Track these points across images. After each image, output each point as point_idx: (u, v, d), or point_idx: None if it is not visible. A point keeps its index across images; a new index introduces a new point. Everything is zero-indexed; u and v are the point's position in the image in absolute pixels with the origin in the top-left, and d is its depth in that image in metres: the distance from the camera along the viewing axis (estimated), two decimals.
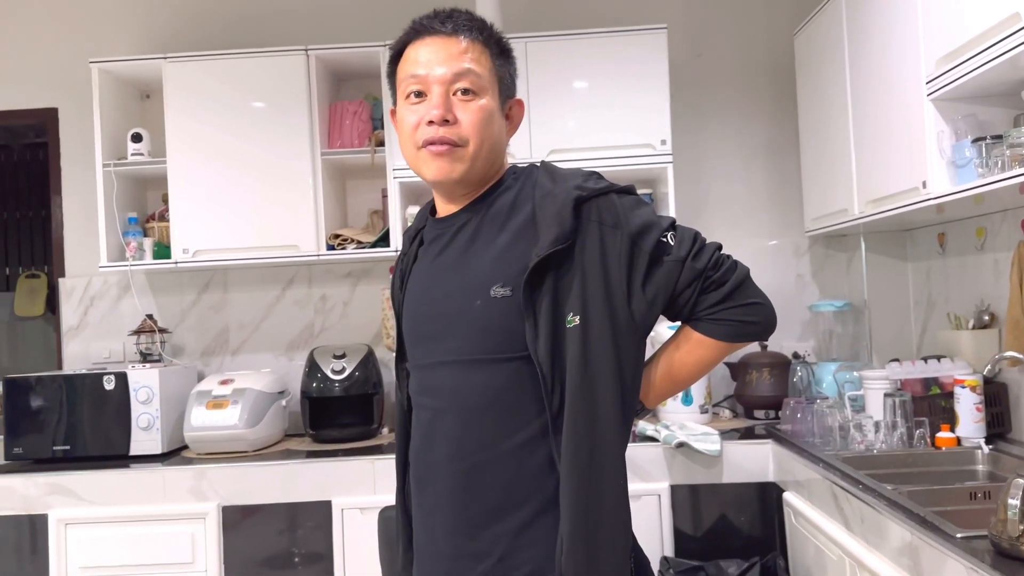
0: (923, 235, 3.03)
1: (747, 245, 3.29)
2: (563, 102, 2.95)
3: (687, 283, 1.30)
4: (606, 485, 1.27)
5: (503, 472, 1.28)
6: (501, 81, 1.37)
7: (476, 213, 1.37)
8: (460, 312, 1.32)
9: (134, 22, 3.43)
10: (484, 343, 1.30)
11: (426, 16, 1.36)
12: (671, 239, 1.31)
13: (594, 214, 1.29)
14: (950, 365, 2.46)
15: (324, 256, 3.04)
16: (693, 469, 2.61)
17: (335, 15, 3.38)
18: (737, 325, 1.33)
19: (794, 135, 3.22)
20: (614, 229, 1.29)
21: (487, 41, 1.36)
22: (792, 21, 3.17)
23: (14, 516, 2.70)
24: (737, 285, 1.33)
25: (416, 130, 1.33)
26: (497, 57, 1.37)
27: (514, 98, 1.43)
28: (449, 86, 1.32)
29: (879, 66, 2.44)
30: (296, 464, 2.71)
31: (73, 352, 3.39)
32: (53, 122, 3.43)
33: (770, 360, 3.00)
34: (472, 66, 1.32)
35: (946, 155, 2.12)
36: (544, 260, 1.26)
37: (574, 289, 1.27)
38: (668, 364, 1.40)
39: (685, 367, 1.40)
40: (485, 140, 1.33)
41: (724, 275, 1.32)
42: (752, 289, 1.35)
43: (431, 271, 1.39)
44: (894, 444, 2.32)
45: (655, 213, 1.35)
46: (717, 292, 1.32)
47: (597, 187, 1.31)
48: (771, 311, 1.36)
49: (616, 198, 1.32)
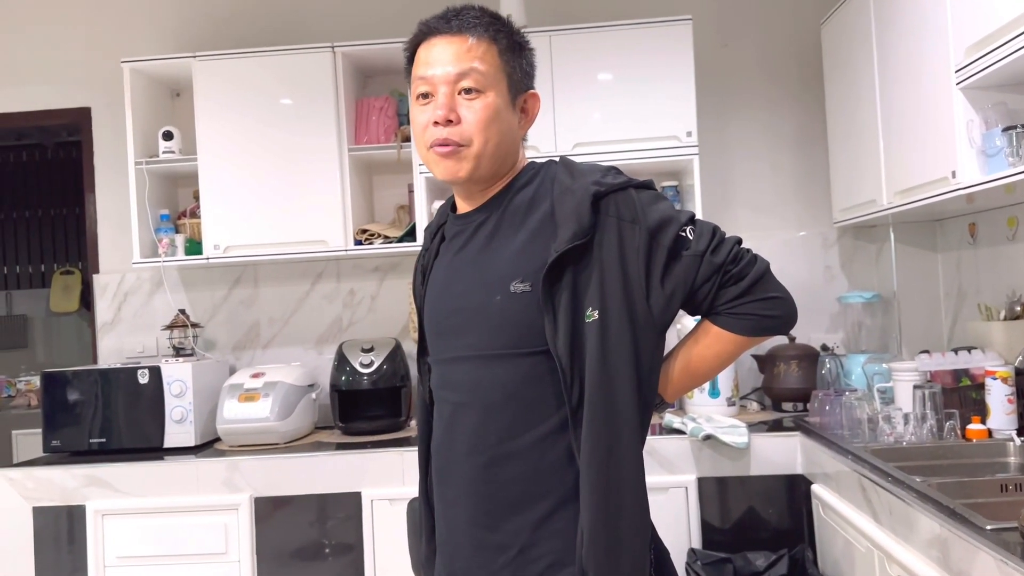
0: (953, 225, 3.00)
1: (775, 237, 3.28)
2: (588, 95, 2.96)
3: (706, 277, 1.31)
4: (625, 478, 1.27)
5: (523, 465, 1.30)
6: (510, 76, 1.36)
7: (495, 209, 1.38)
8: (480, 307, 1.33)
9: (164, 22, 3.48)
10: (503, 338, 1.31)
11: (434, 16, 1.37)
12: (690, 233, 1.31)
13: (612, 209, 1.29)
14: (981, 356, 2.43)
15: (352, 251, 3.07)
16: (720, 462, 2.61)
17: (361, 12, 3.40)
18: (757, 319, 1.34)
19: (821, 126, 3.19)
20: (632, 224, 1.29)
21: (495, 36, 1.35)
22: (818, 10, 3.14)
23: (53, 507, 2.76)
24: (757, 279, 1.33)
25: (424, 131, 1.35)
26: (506, 52, 1.35)
27: (529, 91, 1.41)
28: (453, 86, 1.32)
29: (907, 55, 2.41)
30: (326, 456, 2.75)
31: (107, 347, 3.46)
32: (86, 121, 3.49)
33: (798, 352, 2.98)
34: (476, 64, 1.32)
35: (976, 144, 2.10)
36: (563, 255, 1.26)
37: (592, 284, 1.27)
38: (687, 358, 1.41)
39: (704, 361, 1.40)
40: (490, 138, 1.33)
41: (743, 269, 1.32)
42: (772, 283, 1.35)
43: (451, 267, 1.41)
44: (924, 436, 2.30)
45: (673, 208, 1.35)
46: (736, 286, 1.32)
47: (615, 182, 1.32)
48: (791, 305, 1.36)
49: (634, 193, 1.32)
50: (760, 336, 1.37)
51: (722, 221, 3.27)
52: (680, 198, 3.12)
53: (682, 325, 2.98)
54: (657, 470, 2.60)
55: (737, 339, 1.36)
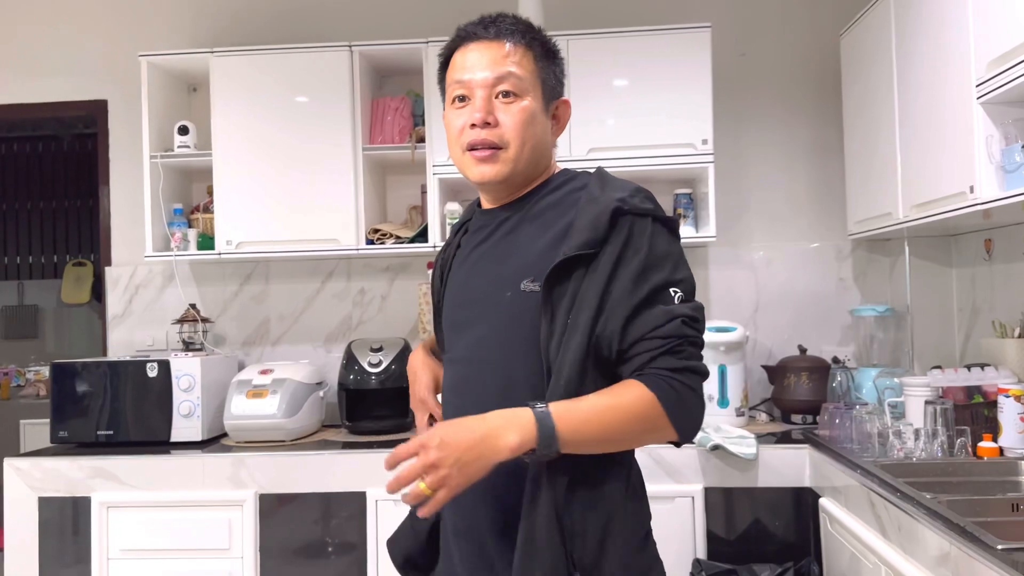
0: (969, 241, 2.98)
1: (788, 247, 3.26)
2: (604, 100, 2.95)
3: (663, 335, 1.24)
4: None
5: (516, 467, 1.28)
6: (544, 83, 1.39)
7: (520, 209, 1.40)
8: (491, 302, 1.35)
9: (182, 17, 3.49)
10: (509, 335, 1.32)
11: (471, 22, 1.39)
12: (675, 295, 1.27)
13: (625, 229, 1.28)
14: (994, 374, 2.41)
15: (363, 250, 3.07)
16: (728, 472, 2.59)
17: (378, 11, 3.40)
18: (678, 397, 1.23)
19: (838, 137, 3.17)
20: (636, 251, 1.27)
21: (530, 43, 1.38)
22: (838, 21, 3.13)
23: (59, 498, 2.77)
24: (696, 371, 1.26)
25: (461, 134, 1.37)
26: (541, 59, 1.39)
27: (561, 98, 1.44)
28: (491, 89, 1.35)
29: (928, 68, 2.39)
30: (332, 455, 2.74)
31: (117, 339, 3.47)
32: (103, 114, 3.51)
33: (809, 364, 2.97)
34: (514, 69, 1.35)
35: (995, 160, 2.08)
36: (572, 262, 1.26)
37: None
38: (602, 406, 1.23)
39: (617, 416, 1.23)
40: (527, 141, 1.36)
41: (692, 354, 1.27)
42: (700, 388, 1.28)
43: (471, 259, 1.43)
44: (934, 452, 2.28)
45: (681, 259, 1.32)
46: (678, 359, 1.24)
47: (640, 206, 1.30)
48: (697, 418, 1.27)
49: (652, 224, 1.30)
50: (665, 419, 1.23)
51: (736, 231, 3.27)
52: (694, 205, 3.11)
53: None
54: (664, 479, 2.59)
55: (654, 403, 1.23)
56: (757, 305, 3.27)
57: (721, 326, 2.96)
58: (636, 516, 1.35)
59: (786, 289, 3.26)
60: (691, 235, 3.04)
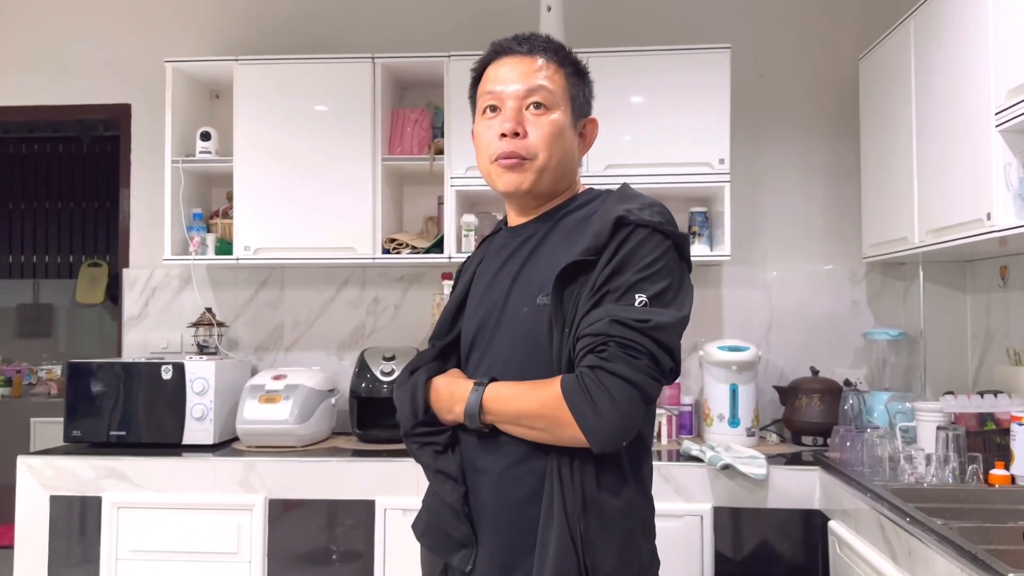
0: (984, 267, 2.97)
1: (802, 268, 3.27)
2: (622, 117, 2.96)
3: (592, 332, 1.23)
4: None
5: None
6: (574, 99, 1.42)
7: (544, 225, 1.42)
8: (509, 318, 1.36)
9: (207, 24, 3.53)
10: (526, 349, 1.33)
11: (506, 39, 1.43)
12: (640, 300, 1.24)
13: (622, 236, 1.28)
14: (1007, 401, 2.41)
15: (379, 259, 3.09)
16: (737, 492, 2.59)
17: (400, 25, 3.44)
18: (587, 395, 1.21)
19: (855, 160, 3.18)
20: (617, 254, 1.27)
21: (562, 61, 1.41)
22: (857, 45, 3.14)
23: (70, 496, 2.78)
24: (612, 372, 1.21)
25: (490, 144, 1.39)
26: (571, 76, 1.42)
27: (588, 116, 1.46)
28: (522, 101, 1.37)
29: (946, 94, 2.40)
30: (342, 462, 2.76)
31: (132, 340, 3.49)
32: (126, 117, 3.55)
33: (821, 386, 2.96)
34: (545, 83, 1.38)
35: (1013, 187, 2.08)
36: (577, 270, 1.28)
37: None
38: (524, 392, 1.29)
39: (532, 403, 1.28)
40: (554, 153, 1.38)
41: (614, 356, 1.21)
42: (618, 392, 1.21)
43: (494, 274, 1.44)
44: (945, 478, 2.28)
45: (667, 271, 1.28)
46: (596, 359, 1.22)
47: (646, 218, 1.29)
48: (610, 425, 1.21)
49: (650, 234, 1.28)
50: (568, 415, 1.22)
51: (750, 250, 3.27)
52: (709, 224, 3.11)
53: (704, 352, 2.98)
54: (673, 497, 2.58)
55: (559, 401, 1.23)
56: (770, 325, 3.27)
57: (733, 345, 2.96)
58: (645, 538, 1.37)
59: (799, 310, 3.26)
60: (705, 253, 3.05)
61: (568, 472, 1.27)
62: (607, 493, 1.29)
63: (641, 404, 1.24)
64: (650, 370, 1.23)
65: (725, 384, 2.94)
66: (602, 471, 1.29)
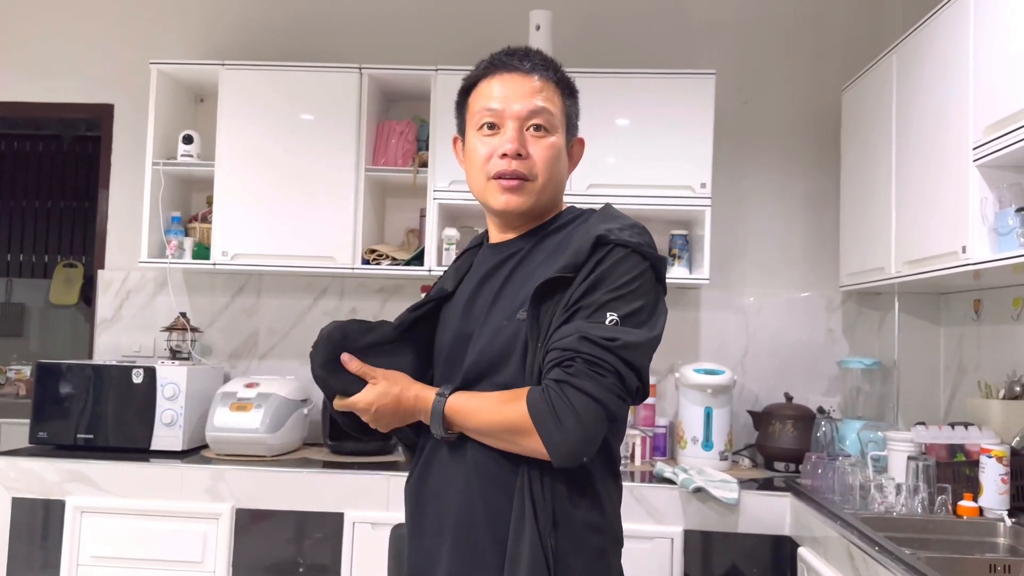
0: (958, 300, 3.01)
1: (780, 295, 3.29)
2: (606, 138, 2.98)
3: (561, 347, 1.23)
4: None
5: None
6: (569, 120, 1.43)
7: (527, 243, 1.41)
8: (488, 331, 1.35)
9: (194, 27, 3.52)
10: (499, 363, 1.33)
11: (503, 52, 1.43)
12: (612, 319, 1.24)
13: (600, 255, 1.28)
14: (977, 433, 2.43)
15: (359, 270, 3.07)
16: (708, 516, 2.58)
17: (389, 36, 3.44)
18: (551, 410, 1.21)
19: (834, 189, 3.21)
20: (593, 272, 1.27)
21: (559, 82, 1.42)
22: (841, 76, 3.18)
23: (31, 499, 2.73)
24: (578, 388, 1.20)
25: (488, 161, 1.38)
26: (567, 97, 1.43)
27: (576, 136, 1.47)
28: (524, 122, 1.38)
29: (927, 127, 2.44)
30: (312, 473, 2.73)
31: (105, 343, 3.45)
32: (108, 117, 3.52)
33: (794, 412, 2.97)
34: (546, 104, 1.38)
35: (988, 222, 2.11)
36: (554, 287, 1.28)
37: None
38: (490, 403, 1.29)
39: (496, 414, 1.28)
40: (552, 176, 1.39)
41: (579, 372, 1.21)
42: (583, 408, 1.20)
43: (474, 289, 1.43)
44: (914, 508, 2.29)
45: (641, 291, 1.27)
46: (563, 373, 1.22)
47: (626, 238, 1.29)
48: (572, 440, 1.21)
49: (628, 255, 1.28)
50: (531, 427, 1.22)
51: (728, 275, 3.29)
52: (689, 247, 3.13)
53: (680, 375, 2.98)
54: (644, 519, 2.58)
55: (523, 413, 1.24)
56: (746, 350, 3.28)
57: (709, 368, 2.97)
58: (615, 554, 1.36)
59: (775, 336, 3.28)
60: (684, 276, 3.07)
61: (539, 487, 1.26)
62: (578, 509, 1.29)
63: (605, 422, 1.24)
64: (616, 388, 1.23)
65: (700, 407, 2.94)
66: (573, 487, 1.28)
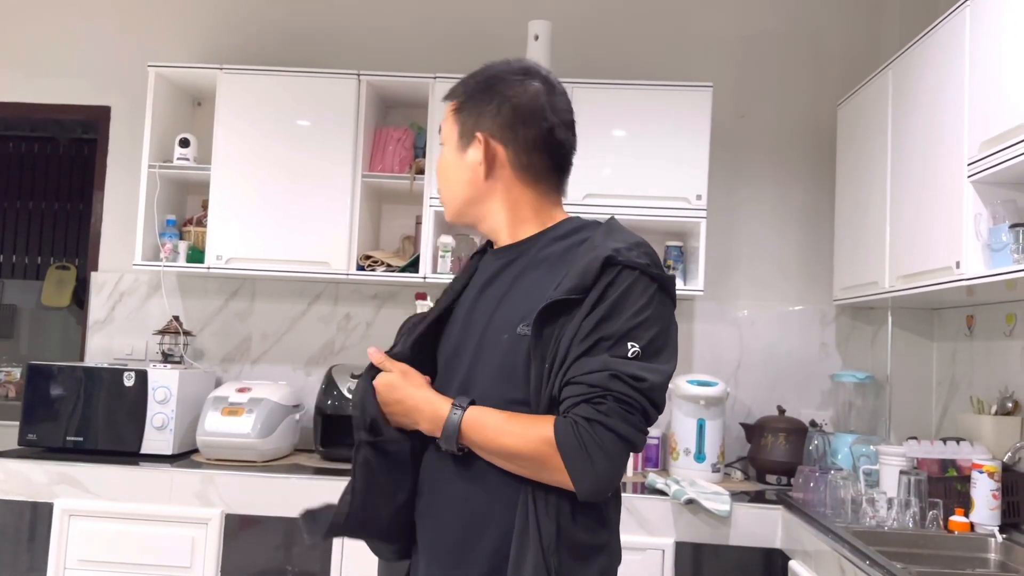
0: (951, 316, 3.02)
1: (774, 308, 3.29)
2: (603, 149, 2.99)
3: (590, 383, 1.21)
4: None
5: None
6: (463, 125, 1.40)
7: (524, 253, 1.39)
8: (488, 343, 1.33)
9: (193, 31, 3.52)
10: (502, 377, 1.30)
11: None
12: (634, 350, 1.23)
13: (610, 277, 1.25)
14: (969, 449, 2.43)
15: (353, 276, 3.07)
16: (700, 528, 2.58)
17: (387, 43, 3.44)
18: (582, 447, 1.20)
19: (829, 203, 3.22)
20: (607, 298, 1.25)
21: (453, 94, 1.43)
22: (837, 91, 3.20)
23: (19, 502, 2.71)
24: (609, 428, 1.20)
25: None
26: (463, 105, 1.41)
27: (475, 137, 1.39)
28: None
29: (922, 143, 2.45)
30: (303, 479, 2.71)
31: (96, 345, 3.43)
32: (105, 120, 3.51)
33: (786, 426, 2.98)
34: (443, 125, 1.44)
35: (982, 238, 2.12)
36: (560, 307, 1.26)
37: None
38: (510, 427, 1.26)
39: (517, 439, 1.25)
40: (443, 187, 1.45)
41: (611, 411, 1.20)
42: (611, 447, 1.21)
43: (476, 297, 1.41)
44: (906, 523, 2.29)
45: (657, 317, 1.27)
46: (594, 411, 1.20)
47: (635, 259, 1.26)
48: (602, 479, 1.22)
49: (639, 277, 1.26)
50: (559, 463, 1.21)
51: (723, 287, 3.30)
52: (684, 258, 3.14)
53: (674, 386, 2.98)
54: (636, 530, 2.57)
55: (548, 444, 1.22)
56: (739, 362, 3.28)
57: (703, 380, 2.97)
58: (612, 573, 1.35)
59: (769, 349, 3.28)
60: (679, 287, 3.07)
61: (544, 505, 1.25)
62: (581, 528, 1.27)
63: (627, 457, 1.28)
64: (641, 425, 1.25)
65: (693, 419, 2.94)
66: (577, 506, 1.26)
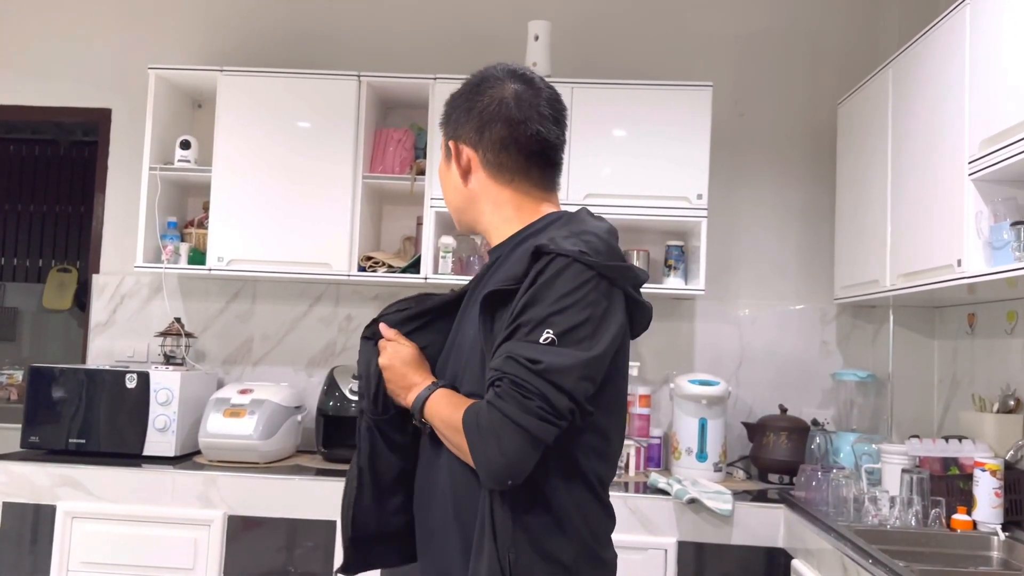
0: (953, 314, 3.02)
1: (774, 307, 3.29)
2: (603, 148, 2.99)
3: (494, 367, 1.21)
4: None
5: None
6: (445, 137, 1.45)
7: (503, 250, 1.41)
8: (463, 338, 1.38)
9: (193, 33, 3.52)
10: (469, 371, 1.33)
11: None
12: (547, 337, 1.19)
13: (539, 265, 1.23)
14: (971, 447, 2.43)
15: (354, 277, 3.07)
16: (702, 527, 2.58)
17: (387, 44, 3.44)
18: (479, 429, 1.21)
19: (829, 202, 3.22)
20: (532, 286, 1.23)
21: (444, 107, 1.46)
22: (837, 89, 3.20)
23: (22, 504, 2.72)
24: (502, 412, 1.18)
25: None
26: (445, 118, 1.45)
27: (450, 144, 1.43)
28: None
29: (922, 141, 2.45)
30: (305, 480, 2.72)
31: (98, 348, 3.43)
32: (105, 122, 3.52)
33: (788, 425, 2.98)
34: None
35: (983, 236, 2.12)
36: (501, 297, 1.27)
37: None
38: (452, 410, 1.29)
39: (453, 423, 1.28)
40: (446, 195, 1.49)
41: (506, 394, 1.18)
42: (504, 430, 1.18)
43: (469, 295, 1.45)
44: (908, 521, 2.29)
45: (583, 303, 1.21)
46: (493, 395, 1.20)
47: (567, 248, 1.23)
48: (494, 462, 1.19)
49: (568, 265, 1.22)
50: (466, 443, 1.23)
51: (724, 286, 3.30)
52: (684, 258, 3.13)
53: (675, 385, 2.98)
54: (638, 529, 2.57)
55: (460, 427, 1.25)
56: (740, 361, 3.28)
57: (704, 379, 2.97)
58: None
59: (770, 348, 3.28)
60: (680, 287, 3.07)
61: (499, 503, 1.23)
62: (539, 528, 1.25)
63: (529, 446, 1.18)
64: (541, 412, 1.17)
65: (694, 418, 2.94)
66: (538, 505, 1.26)
